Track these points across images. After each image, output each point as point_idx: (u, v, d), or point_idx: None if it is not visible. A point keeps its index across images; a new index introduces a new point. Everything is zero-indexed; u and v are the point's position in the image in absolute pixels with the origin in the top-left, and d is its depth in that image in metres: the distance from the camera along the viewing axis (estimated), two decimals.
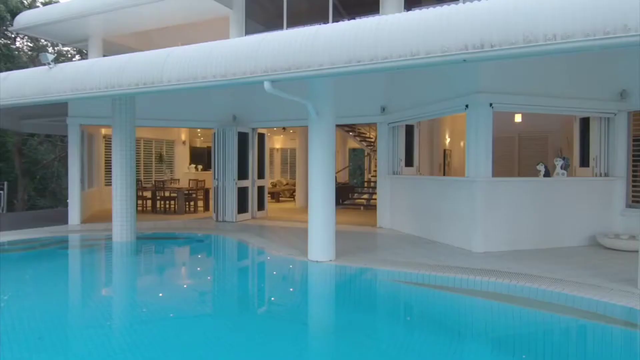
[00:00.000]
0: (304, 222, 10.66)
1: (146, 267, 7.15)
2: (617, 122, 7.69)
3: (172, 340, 3.76)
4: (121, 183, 8.16)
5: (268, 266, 6.90)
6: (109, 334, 3.90)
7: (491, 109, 6.86)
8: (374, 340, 3.94)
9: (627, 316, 4.39)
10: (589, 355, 3.87)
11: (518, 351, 3.80)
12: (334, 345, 3.90)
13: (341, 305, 5.13)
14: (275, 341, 3.81)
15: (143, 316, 4.52)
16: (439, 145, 12.24)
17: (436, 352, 3.62)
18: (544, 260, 6.40)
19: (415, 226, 8.61)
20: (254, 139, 11.13)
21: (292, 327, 4.30)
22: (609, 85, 7.58)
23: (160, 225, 10.08)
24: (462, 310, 4.92)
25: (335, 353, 3.70)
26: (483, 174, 6.90)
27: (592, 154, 7.84)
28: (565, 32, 3.85)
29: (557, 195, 7.41)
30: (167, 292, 5.54)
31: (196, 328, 4.10)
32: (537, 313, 4.73)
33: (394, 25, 4.62)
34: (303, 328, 4.33)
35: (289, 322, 4.49)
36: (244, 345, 3.69)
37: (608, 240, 7.20)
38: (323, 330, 4.36)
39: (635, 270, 5.50)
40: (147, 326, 4.14)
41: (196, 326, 4.16)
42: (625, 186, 7.70)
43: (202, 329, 4.08)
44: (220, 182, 10.67)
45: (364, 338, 3.94)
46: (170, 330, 4.05)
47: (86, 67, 6.67)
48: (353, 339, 3.89)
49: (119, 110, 8.07)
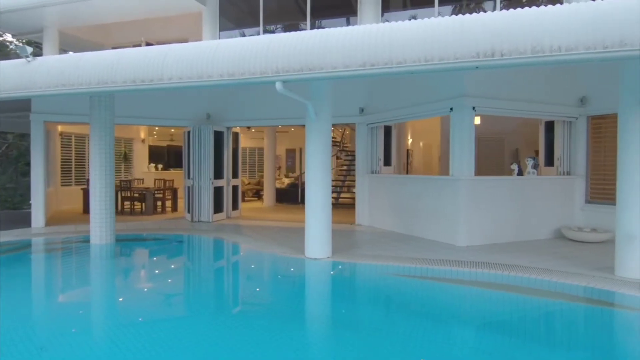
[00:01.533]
0: (281, 220, 10.78)
1: (137, 270, 6.93)
2: (578, 125, 8.47)
3: (196, 345, 3.77)
4: (100, 183, 7.84)
5: (268, 265, 6.91)
6: (119, 339, 3.83)
7: (474, 112, 7.33)
8: (397, 329, 4.16)
9: (612, 298, 4.92)
10: (587, 332, 4.35)
11: (523, 331, 4.20)
12: (364, 334, 4.06)
13: (355, 300, 5.30)
14: (306, 337, 3.93)
15: (162, 315, 4.45)
16: (403, 145, 12.76)
17: (445, 335, 3.91)
18: (524, 252, 6.96)
19: (397, 223, 8.97)
20: (228, 138, 11.03)
21: (316, 323, 4.43)
22: (572, 92, 8.33)
23: (134, 227, 9.74)
24: (464, 299, 5.26)
25: (369, 340, 3.86)
26: (466, 173, 7.35)
27: (557, 154, 8.58)
28: (569, 45, 4.27)
29: (528, 193, 8.04)
30: (174, 295, 5.45)
31: (223, 329, 4.11)
32: (534, 299, 5.16)
33: (407, 32, 4.86)
34: (328, 323, 4.46)
35: (312, 319, 4.61)
36: (279, 344, 3.77)
37: (572, 232, 7.91)
38: (347, 323, 4.51)
39: (608, 259, 6.16)
40: (185, 325, 4.10)
41: (223, 327, 4.17)
42: (585, 184, 8.50)
43: (229, 330, 4.10)
44: (195, 181, 10.48)
45: (387, 327, 4.15)
46: (196, 335, 4.04)
47: (73, 62, 6.36)
48: (376, 329, 4.09)
49: (98, 108, 7.74)
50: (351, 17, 10.50)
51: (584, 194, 8.51)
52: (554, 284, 5.34)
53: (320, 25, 10.61)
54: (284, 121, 11.06)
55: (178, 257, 7.84)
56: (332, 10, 10.95)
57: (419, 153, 15.31)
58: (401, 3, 10.35)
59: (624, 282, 5.25)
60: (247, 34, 11.25)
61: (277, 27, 11.09)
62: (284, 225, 10.05)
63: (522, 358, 3.53)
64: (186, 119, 10.97)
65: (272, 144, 14.47)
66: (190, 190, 10.58)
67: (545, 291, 5.32)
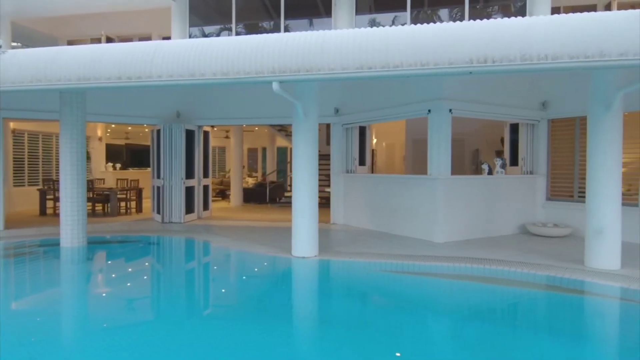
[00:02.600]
0: (254, 220, 10.72)
1: (120, 274, 6.67)
2: (539, 128, 9.06)
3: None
4: (72, 183, 7.47)
5: (257, 265, 6.88)
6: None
7: (450, 114, 7.68)
8: (403, 322, 4.34)
9: (585, 287, 5.36)
10: (566, 318, 4.74)
11: (510, 319, 4.56)
12: (375, 326, 4.19)
13: (352, 296, 5.43)
14: (320, 331, 4.01)
15: (162, 316, 4.37)
16: (369, 145, 13.07)
17: (442, 325, 4.15)
18: (497, 247, 7.38)
19: (373, 221, 9.20)
20: (199, 136, 10.83)
21: (323, 321, 4.52)
22: (534, 97, 8.91)
23: (101, 229, 9.35)
24: (453, 292, 5.53)
25: (385, 329, 4.00)
26: (444, 173, 7.69)
27: (521, 154, 9.14)
28: (555, 54, 4.62)
29: (496, 191, 8.52)
30: (172, 297, 5.34)
31: (228, 331, 4.11)
32: (516, 290, 5.52)
33: (404, 36, 5.05)
34: (333, 320, 4.56)
35: (318, 317, 4.69)
36: (298, 344, 3.82)
37: (537, 228, 8.47)
38: (351, 318, 4.63)
39: (575, 252, 6.68)
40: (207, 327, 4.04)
41: (226, 329, 4.16)
42: (546, 182, 9.11)
43: (233, 332, 4.10)
44: (166, 181, 10.21)
45: (391, 322, 4.32)
46: (196, 336, 4.01)
47: (51, 55, 6.04)
48: (384, 321, 4.25)
49: (70, 105, 7.38)
50: (315, 19, 10.63)
51: (544, 192, 9.13)
52: (532, 276, 5.73)
53: (287, 26, 10.67)
54: (257, 120, 11.01)
55: (162, 259, 7.63)
56: (299, 10, 10.96)
57: (382, 153, 15.72)
58: (367, 7, 10.56)
59: (595, 272, 5.72)
60: (213, 32, 11.11)
61: (239, 25, 11.02)
62: (260, 225, 10.02)
63: (509, 344, 3.81)
64: (155, 117, 10.66)
65: (239, 143, 14.32)
66: (160, 191, 10.29)
67: (525, 282, 5.70)
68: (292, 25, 10.61)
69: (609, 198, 5.75)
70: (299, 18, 10.69)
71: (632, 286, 5.18)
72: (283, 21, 10.38)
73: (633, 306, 4.87)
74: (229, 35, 11.09)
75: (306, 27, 10.66)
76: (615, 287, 5.29)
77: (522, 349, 3.68)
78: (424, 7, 9.88)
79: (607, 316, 4.84)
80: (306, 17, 10.77)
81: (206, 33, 11.14)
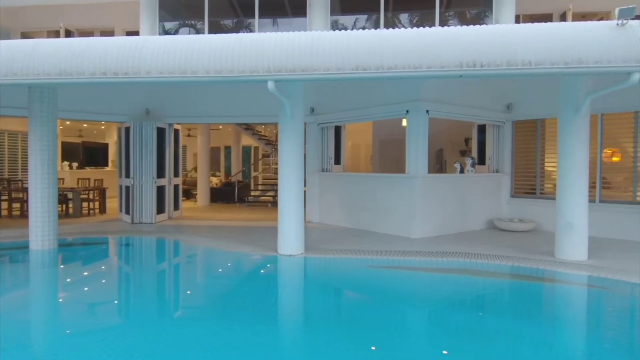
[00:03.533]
0: (227, 220, 10.62)
1: (98, 276, 6.42)
2: (505, 129, 9.61)
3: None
4: (42, 182, 7.11)
5: (244, 265, 6.83)
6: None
7: (427, 115, 7.99)
8: (401, 312, 4.54)
9: (557, 277, 5.80)
10: (541, 304, 5.19)
11: (491, 307, 4.95)
12: (379, 319, 4.34)
13: (347, 292, 5.57)
14: (326, 329, 4.12)
15: (160, 318, 4.31)
16: (344, 145, 13.28)
17: (436, 315, 4.41)
18: (470, 241, 7.77)
19: (349, 219, 9.38)
20: (170, 134, 10.58)
21: (325, 317, 4.62)
22: (500, 99, 9.43)
23: (67, 231, 8.91)
24: (439, 284, 5.79)
25: (395, 321, 4.16)
26: (421, 171, 7.99)
27: (488, 154, 9.64)
28: (538, 60, 4.97)
29: (467, 189, 8.95)
30: (168, 298, 5.24)
31: (231, 331, 4.12)
32: (494, 280, 5.89)
33: (398, 39, 5.23)
34: (335, 316, 4.67)
35: (319, 314, 4.78)
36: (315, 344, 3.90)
37: (504, 223, 8.99)
38: (350, 311, 4.76)
39: (543, 245, 7.17)
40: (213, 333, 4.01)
41: (230, 329, 4.17)
42: (510, 181, 9.67)
43: (238, 331, 4.12)
44: (136, 180, 9.90)
45: (393, 312, 4.51)
46: (197, 337, 4.01)
47: (28, 48, 5.74)
48: (381, 313, 4.43)
49: (39, 100, 7.02)
50: (280, 19, 10.72)
51: (509, 189, 9.69)
52: (508, 267, 6.14)
53: (250, 25, 10.68)
54: (230, 119, 10.93)
55: (145, 261, 7.40)
56: (269, 11, 10.94)
57: (347, 153, 15.97)
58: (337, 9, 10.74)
59: (565, 263, 6.19)
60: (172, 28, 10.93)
61: (199, 23, 10.89)
62: (235, 224, 9.94)
63: (492, 329, 4.11)
64: (123, 114, 10.29)
65: (206, 141, 14.09)
66: (130, 190, 9.96)
67: (502, 273, 6.10)
68: (262, 24, 10.61)
69: (577, 194, 6.23)
70: (268, 17, 10.71)
71: (599, 274, 5.67)
72: (257, 19, 10.35)
73: (600, 292, 5.44)
74: (189, 33, 10.93)
75: (273, 27, 10.71)
76: (583, 275, 5.75)
77: (503, 333, 4.00)
78: (389, 11, 10.18)
79: (578, 301, 5.33)
80: (276, 17, 10.80)
81: (166, 29, 10.91)
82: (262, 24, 10.58)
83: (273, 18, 10.84)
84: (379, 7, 10.10)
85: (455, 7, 10.30)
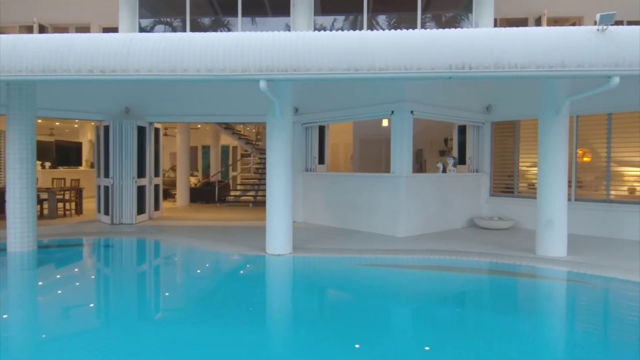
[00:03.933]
0: (209, 220, 10.52)
1: (81, 278, 6.27)
2: (484, 129, 9.86)
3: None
4: (21, 183, 6.89)
5: (235, 265, 6.79)
6: None
7: (412, 116, 8.13)
8: (398, 307, 4.63)
9: (538, 272, 6.01)
10: (524, 298, 5.42)
11: (475, 301, 5.15)
12: (377, 317, 4.41)
13: (339, 290, 5.61)
14: (329, 328, 4.16)
15: (159, 319, 4.26)
16: (328, 144, 13.34)
17: (432, 311, 4.52)
18: (453, 239, 7.95)
19: (334, 219, 9.44)
20: (150, 133, 10.40)
21: (323, 315, 4.66)
22: (480, 101, 9.68)
23: (46, 232, 8.64)
24: (428, 281, 5.92)
25: (399, 319, 4.24)
26: (406, 171, 8.12)
27: (468, 154, 9.88)
28: (524, 63, 5.15)
29: (449, 188, 9.15)
30: (163, 300, 5.17)
31: (234, 331, 4.11)
32: (480, 277, 6.10)
33: (390, 41, 5.32)
34: (329, 309, 4.72)
35: (314, 311, 4.82)
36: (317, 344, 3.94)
37: (484, 221, 9.23)
38: (345, 310, 4.81)
39: (523, 242, 7.41)
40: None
41: (230, 329, 4.16)
42: (489, 180, 9.94)
43: (239, 330, 4.12)
44: (116, 180, 9.69)
45: (382, 307, 4.59)
46: (198, 338, 4.00)
47: (10, 43, 5.55)
48: (379, 312, 4.51)
49: (18, 97, 6.80)
50: (259, 18, 10.72)
51: (488, 188, 9.95)
52: (492, 264, 6.35)
53: (228, 23, 10.64)
54: (211, 118, 10.82)
55: (129, 262, 7.27)
56: (252, 9, 10.90)
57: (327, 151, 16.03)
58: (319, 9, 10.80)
59: (546, 259, 6.42)
60: (147, 25, 10.77)
61: (177, 20, 10.79)
62: (218, 224, 9.86)
63: (477, 323, 4.27)
64: (102, 113, 10.05)
65: (186, 141, 13.90)
66: (109, 190, 9.74)
67: (485, 270, 6.33)
68: (241, 23, 10.56)
69: (557, 192, 6.47)
70: (248, 16, 10.67)
71: (578, 270, 5.92)
72: (240, 18, 10.30)
73: (580, 286, 5.69)
74: (164, 31, 10.79)
75: (252, 26, 10.69)
76: (563, 271, 5.99)
77: (487, 328, 4.13)
78: (368, 12, 10.31)
79: (559, 295, 5.59)
80: (256, 16, 10.77)
81: (142, 26, 10.72)
82: (242, 22, 10.53)
83: (252, 17, 10.81)
84: (357, 8, 10.20)
85: (434, 9, 10.50)
